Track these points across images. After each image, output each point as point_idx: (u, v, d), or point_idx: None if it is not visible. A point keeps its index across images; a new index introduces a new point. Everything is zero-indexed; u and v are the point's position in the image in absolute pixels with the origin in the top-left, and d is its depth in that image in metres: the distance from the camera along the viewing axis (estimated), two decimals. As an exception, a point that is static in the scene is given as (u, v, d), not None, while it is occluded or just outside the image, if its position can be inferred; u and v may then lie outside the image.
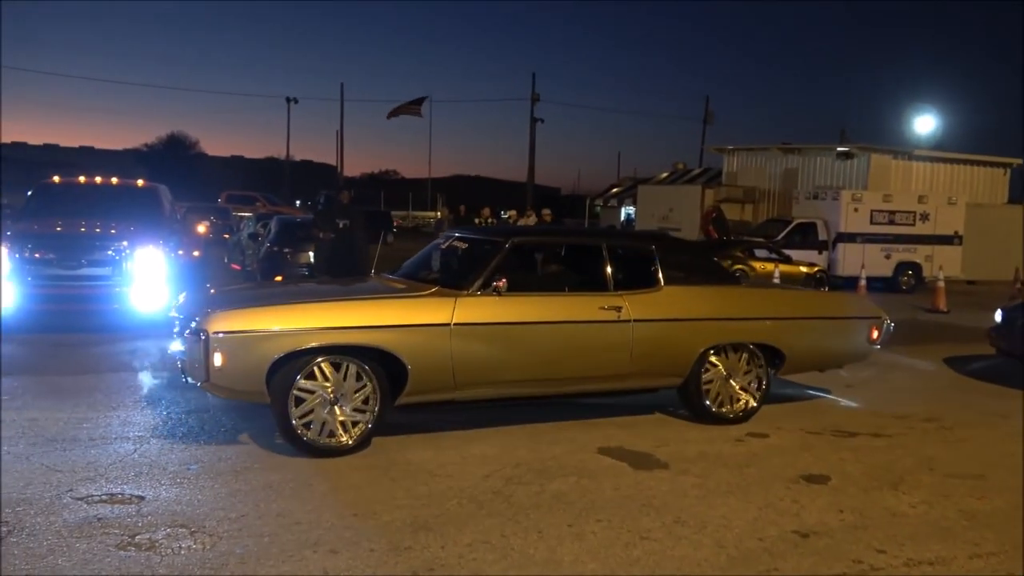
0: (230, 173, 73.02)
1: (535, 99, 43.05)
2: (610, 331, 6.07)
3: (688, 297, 6.43)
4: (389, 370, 5.46)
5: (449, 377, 5.59)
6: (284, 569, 3.73)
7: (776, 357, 6.75)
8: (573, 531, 4.30)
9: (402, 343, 5.42)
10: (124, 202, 11.13)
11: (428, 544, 4.05)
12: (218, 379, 5.17)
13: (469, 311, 5.63)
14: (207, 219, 21.35)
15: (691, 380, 6.42)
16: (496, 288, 5.69)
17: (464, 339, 5.59)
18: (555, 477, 5.14)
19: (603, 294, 6.16)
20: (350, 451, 5.34)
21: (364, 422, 5.40)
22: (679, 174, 35.51)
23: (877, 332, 7.16)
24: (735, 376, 6.56)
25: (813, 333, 6.97)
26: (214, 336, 5.12)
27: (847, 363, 7.65)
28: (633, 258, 6.63)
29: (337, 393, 5.32)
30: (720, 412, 6.50)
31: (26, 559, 3.71)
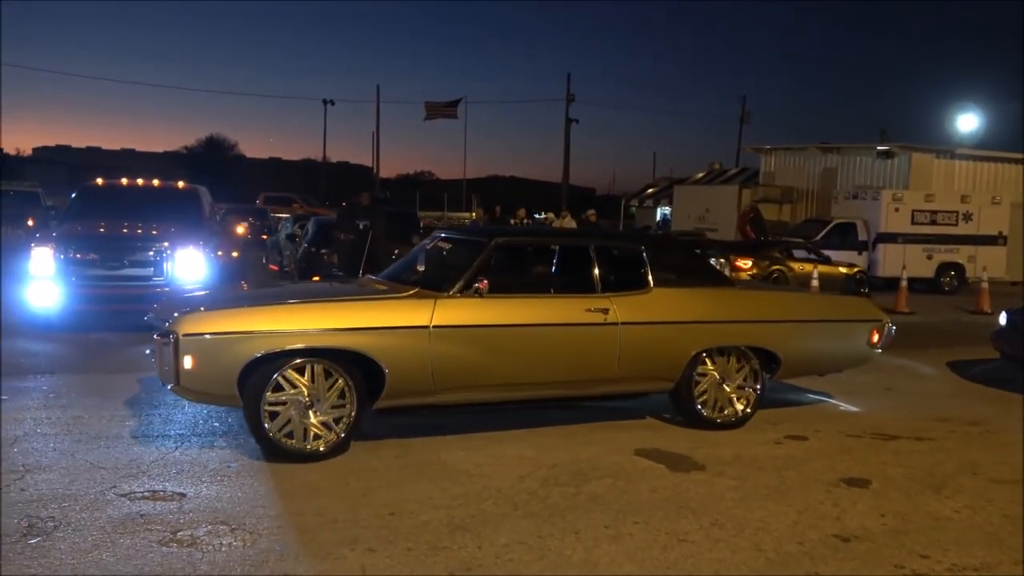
0: (267, 175, 73.79)
1: (570, 99, 42.98)
2: (596, 334, 5.90)
3: (679, 299, 6.25)
4: (367, 373, 5.33)
5: (428, 381, 5.44)
6: (322, 567, 3.76)
7: (771, 361, 6.56)
8: (610, 532, 4.29)
9: (379, 346, 5.27)
10: (165, 204, 11.29)
11: (465, 544, 4.07)
12: (188, 382, 5.04)
13: (449, 313, 5.48)
14: (246, 220, 21.60)
15: (682, 384, 6.24)
16: (478, 290, 5.55)
17: (443, 342, 5.44)
18: (591, 478, 5.13)
19: (590, 296, 5.99)
20: (324, 456, 5.19)
21: (340, 427, 5.26)
22: (715, 174, 35.26)
23: (878, 335, 6.92)
24: (729, 380, 6.37)
25: (809, 336, 6.77)
26: (184, 338, 4.99)
27: (847, 367, 7.31)
28: (622, 259, 6.48)
29: (313, 397, 5.19)
30: (713, 417, 6.31)
31: (72, 553, 3.78)
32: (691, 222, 26.29)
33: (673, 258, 6.67)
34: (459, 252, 6.18)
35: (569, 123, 43.08)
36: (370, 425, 5.93)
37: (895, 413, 7.23)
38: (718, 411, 6.35)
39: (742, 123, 47.63)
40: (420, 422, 6.08)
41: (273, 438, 5.12)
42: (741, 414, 6.40)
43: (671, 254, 6.74)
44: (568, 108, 42.90)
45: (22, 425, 5.75)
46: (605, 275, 6.13)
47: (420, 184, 75.40)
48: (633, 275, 6.27)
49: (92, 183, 11.99)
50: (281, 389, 5.13)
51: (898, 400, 7.80)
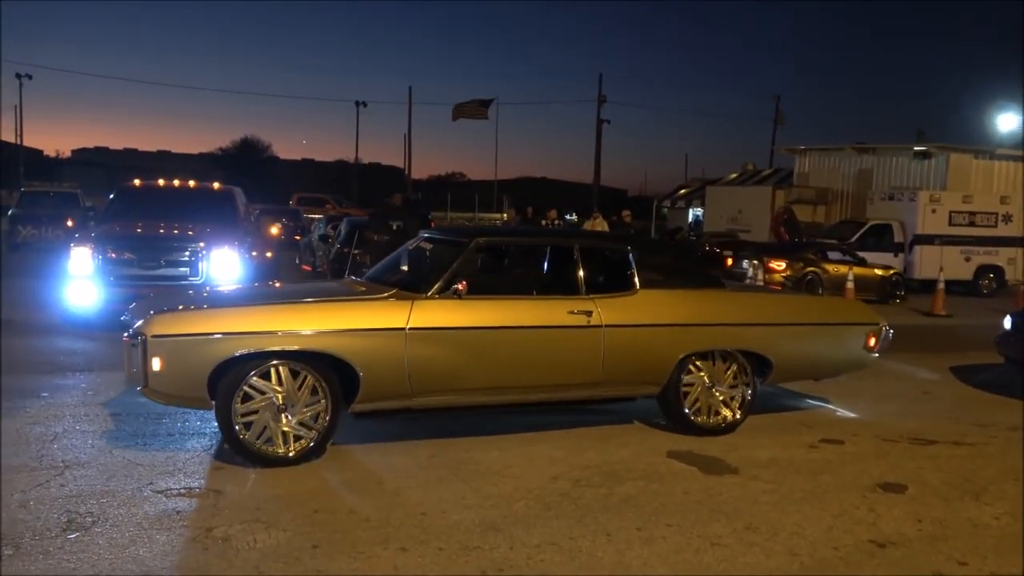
0: (300, 176, 74.43)
1: (602, 100, 42.87)
2: (579, 337, 5.74)
3: (666, 301, 6.08)
4: (343, 376, 5.21)
5: (404, 384, 5.31)
6: (355, 566, 3.78)
7: (763, 365, 6.38)
8: (642, 535, 4.27)
9: (352, 348, 5.14)
10: (201, 204, 11.43)
11: (496, 544, 4.07)
12: (157, 384, 4.96)
13: (426, 315, 5.35)
14: (279, 221, 21.81)
15: (670, 389, 6.08)
16: (457, 291, 5.42)
17: (420, 344, 5.30)
18: (624, 480, 5.10)
19: (573, 298, 5.83)
20: (296, 461, 5.08)
21: (315, 430, 5.15)
22: (749, 175, 35.00)
23: (875, 339, 6.73)
24: (719, 385, 6.20)
25: (803, 340, 6.56)
26: (152, 340, 4.90)
27: (843, 372, 7.13)
28: (607, 260, 6.34)
29: (286, 400, 5.07)
30: (701, 422, 6.14)
31: (109, 549, 3.83)
32: (724, 223, 26.12)
33: (661, 259, 6.52)
34: (441, 253, 6.00)
35: (601, 124, 42.98)
36: (402, 426, 5.96)
37: (932, 418, 7.12)
38: (707, 416, 6.17)
39: (776, 123, 47.21)
40: (452, 423, 6.10)
41: (244, 441, 5.00)
42: (731, 419, 6.22)
43: (659, 255, 6.58)
44: (600, 109, 42.82)
45: (61, 422, 5.85)
46: (590, 276, 5.99)
47: (451, 185, 75.64)
48: (619, 276, 6.13)
49: (130, 184, 12.17)
50: (253, 392, 5.02)
51: (934, 405, 7.68)
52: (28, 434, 5.52)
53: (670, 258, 6.71)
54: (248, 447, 5.02)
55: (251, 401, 5.02)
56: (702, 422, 6.15)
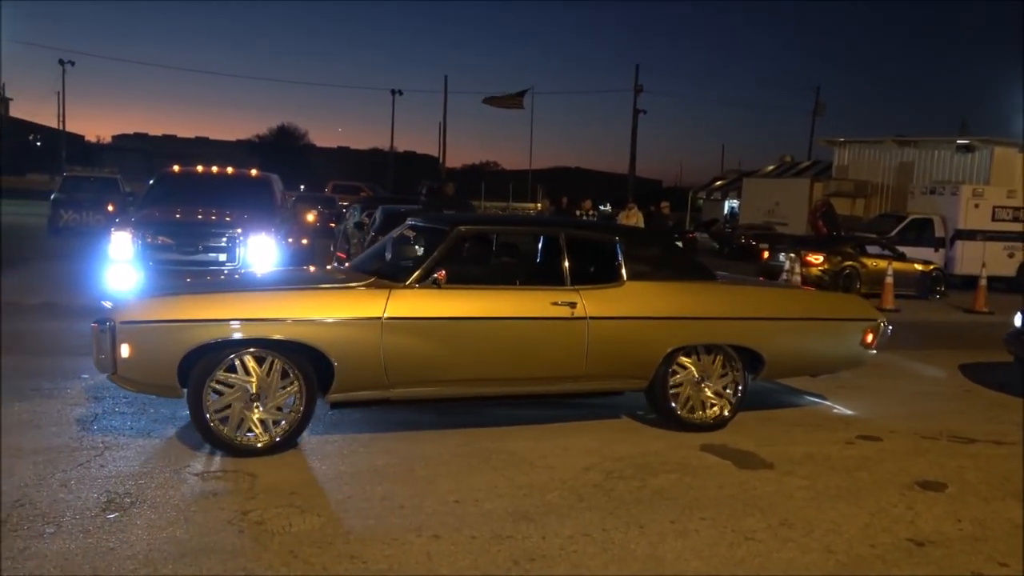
0: (336, 164, 74.92)
1: (638, 90, 42.59)
2: (562, 329, 5.58)
3: (654, 293, 5.90)
4: (319, 365, 5.11)
5: (381, 375, 5.19)
6: (389, 552, 3.80)
7: (755, 360, 6.20)
8: (676, 528, 4.24)
9: (326, 337, 5.04)
10: (239, 191, 11.53)
11: (529, 534, 4.06)
12: (125, 371, 4.88)
13: (403, 305, 5.22)
14: (315, 208, 21.97)
15: (656, 383, 5.92)
16: (436, 280, 5.30)
17: (397, 334, 5.17)
18: (657, 473, 5.08)
19: (557, 289, 5.66)
20: (270, 451, 5.00)
21: (288, 420, 5.07)
22: (786, 167, 34.62)
23: (872, 336, 6.53)
24: (708, 380, 6.03)
25: (796, 335, 6.37)
26: (121, 326, 4.83)
27: (839, 369, 6.90)
28: (594, 250, 6.14)
29: (260, 389, 4.99)
30: (689, 418, 5.98)
31: (148, 529, 3.89)
32: (760, 215, 25.87)
33: (651, 251, 6.31)
34: (423, 241, 5.86)
35: (637, 114, 42.71)
36: (434, 415, 5.98)
37: (972, 416, 7.00)
38: (695, 411, 6.02)
39: (815, 115, 46.60)
40: (485, 412, 6.10)
41: (214, 429, 4.93)
42: (720, 415, 6.06)
43: (649, 247, 6.39)
44: (636, 99, 42.54)
45: (101, 403, 5.94)
46: (575, 267, 5.79)
47: (485, 174, 75.69)
48: (606, 267, 5.97)
49: (169, 170, 12.29)
50: (223, 380, 4.95)
51: (974, 402, 7.55)
52: (69, 415, 5.62)
53: (660, 250, 6.46)
54: (219, 436, 4.94)
55: (222, 390, 4.95)
56: (690, 417, 5.99)
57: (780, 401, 7.17)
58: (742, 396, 6.15)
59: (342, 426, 5.69)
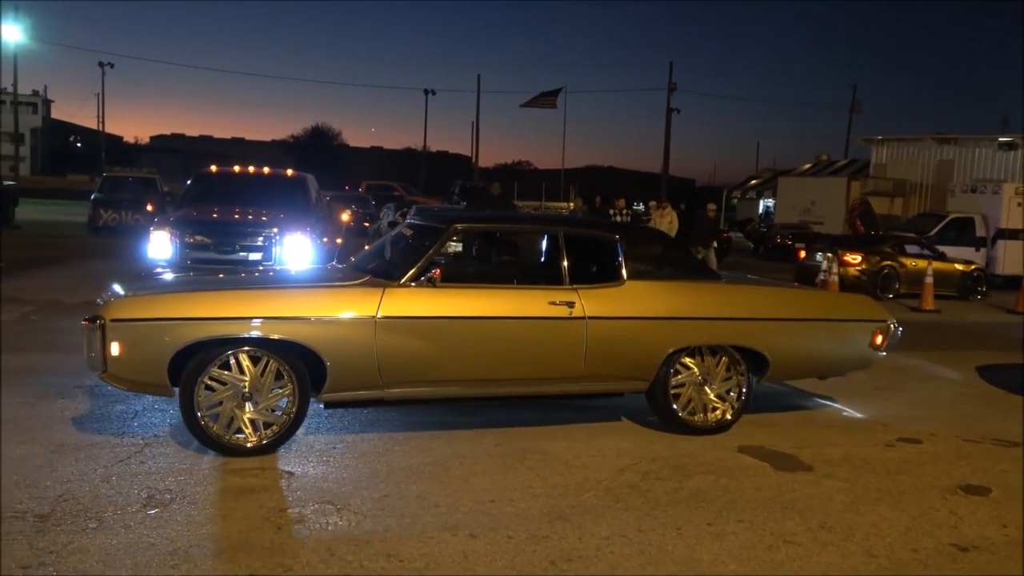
0: (370, 163, 75.39)
1: (672, 89, 42.35)
2: (559, 329, 5.46)
3: (655, 293, 5.76)
4: (313, 364, 5.05)
5: (374, 374, 5.11)
6: (425, 550, 3.80)
7: (760, 362, 6.03)
8: (713, 530, 4.20)
9: (319, 336, 4.98)
10: (275, 190, 11.63)
11: (565, 534, 4.05)
12: (116, 370, 4.83)
13: (397, 304, 5.13)
14: (349, 208, 22.10)
15: (657, 385, 5.78)
16: (431, 278, 5.21)
17: (391, 334, 5.08)
18: (693, 474, 5.04)
19: (555, 288, 5.55)
20: (261, 451, 4.95)
21: (281, 419, 5.02)
22: (823, 165, 34.25)
23: (881, 337, 6.34)
24: (712, 382, 5.88)
25: (802, 336, 6.18)
26: (111, 324, 4.77)
27: (848, 371, 6.66)
28: (594, 249, 6.01)
29: (252, 388, 4.94)
30: (691, 420, 5.83)
31: (187, 525, 3.93)
32: (796, 215, 25.60)
33: (653, 249, 6.15)
34: (419, 239, 5.77)
35: (670, 113, 42.47)
36: (468, 414, 5.99)
37: (1015, 419, 6.86)
38: (696, 414, 5.87)
39: (852, 112, 46.00)
40: (519, 412, 6.10)
41: (206, 428, 4.89)
42: (724, 418, 5.91)
43: (650, 245, 6.24)
44: (669, 97, 42.31)
45: (141, 400, 6.02)
46: (574, 266, 5.68)
47: (518, 174, 75.71)
48: (605, 266, 5.85)
49: (206, 170, 12.43)
50: (217, 377, 4.91)
51: (1014, 404, 7.40)
52: (110, 412, 5.70)
53: (662, 248, 6.27)
54: (208, 433, 4.91)
55: (215, 387, 4.91)
56: (691, 420, 5.86)
57: (813, 405, 7.08)
58: (746, 399, 5.98)
59: (378, 424, 5.72)
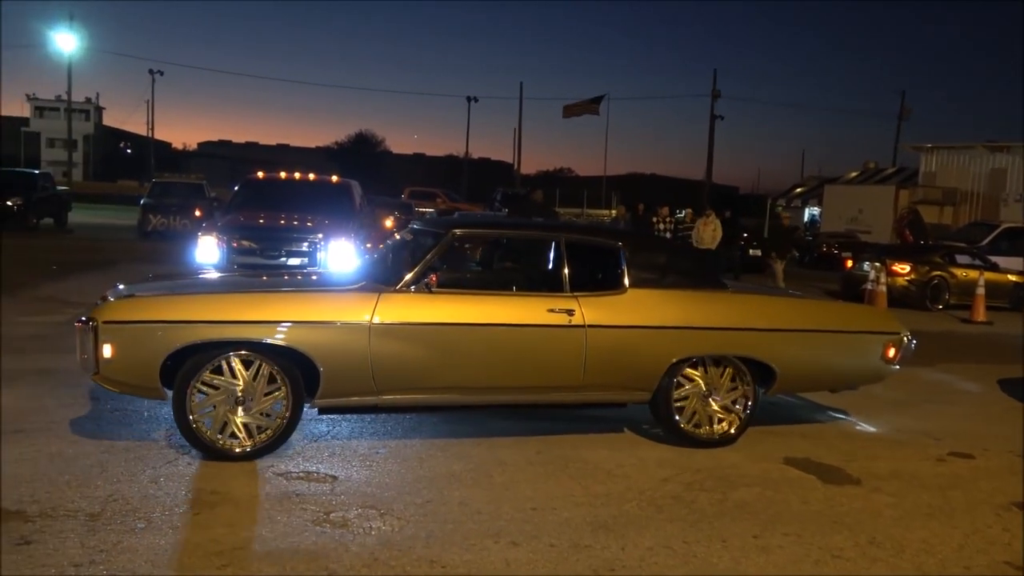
0: (412, 170, 75.90)
1: (716, 95, 42.05)
2: (558, 337, 5.34)
3: (657, 302, 5.60)
4: (305, 371, 5.01)
5: (368, 380, 5.05)
6: (467, 557, 3.80)
7: (767, 374, 5.84)
8: (759, 543, 4.14)
9: (312, 341, 4.93)
10: (319, 197, 11.77)
11: (608, 544, 4.02)
12: (108, 372, 4.81)
13: (392, 309, 5.06)
14: (392, 214, 22.26)
15: (660, 396, 5.64)
16: (427, 284, 5.15)
17: (385, 339, 5.02)
18: (738, 486, 4.97)
19: (554, 295, 5.43)
20: (250, 457, 4.92)
21: (274, 424, 4.99)
22: (870, 173, 33.73)
23: (894, 350, 6.11)
24: (716, 393, 5.73)
25: (810, 348, 5.98)
26: (104, 326, 4.76)
27: (859, 384, 6.44)
28: (595, 256, 5.87)
29: (245, 393, 4.92)
30: (694, 433, 5.69)
31: (233, 528, 3.97)
32: (843, 223, 25.24)
33: (656, 257, 5.94)
34: (419, 244, 5.70)
35: (714, 119, 42.16)
36: (510, 421, 5.98)
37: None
38: (701, 427, 5.72)
39: (900, 119, 45.24)
40: (560, 420, 6.08)
41: (196, 431, 4.88)
42: (728, 431, 5.75)
43: (654, 253, 6.02)
44: (713, 104, 42.00)
45: (189, 403, 6.10)
46: (575, 273, 5.55)
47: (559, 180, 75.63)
48: (607, 274, 5.72)
49: (253, 176, 12.63)
50: (209, 382, 4.89)
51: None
52: (159, 413, 5.78)
53: (667, 256, 6.06)
54: (200, 437, 4.89)
55: (207, 391, 4.91)
56: (695, 432, 5.70)
57: (858, 417, 6.95)
58: (751, 412, 5.81)
59: (420, 430, 5.74)
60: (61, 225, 24.71)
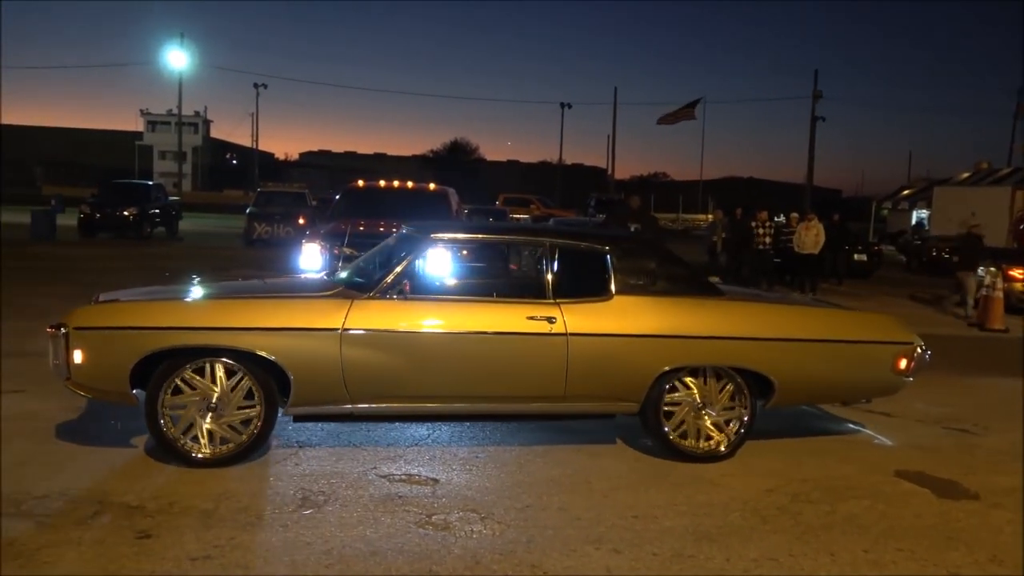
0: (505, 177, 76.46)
1: (817, 96, 40.93)
2: (537, 345, 5.14)
3: (645, 309, 5.35)
4: (279, 377, 4.93)
5: (340, 388, 4.95)
6: (568, 563, 3.80)
7: (765, 386, 5.52)
8: (870, 557, 4.00)
9: (282, 348, 4.84)
10: (418, 204, 11.95)
11: (711, 555, 3.95)
12: (79, 377, 4.81)
13: (364, 316, 4.96)
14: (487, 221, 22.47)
15: (648, 407, 5.37)
16: (401, 291, 5.08)
17: (357, 347, 4.92)
18: (847, 498, 4.81)
19: (535, 302, 5.25)
20: (211, 464, 4.84)
21: (248, 431, 4.92)
22: (983, 174, 32.20)
23: (905, 361, 5.71)
24: (711, 406, 5.43)
25: (811, 359, 5.61)
26: (74, 332, 4.78)
27: (869, 396, 6.11)
28: (580, 262, 5.62)
29: (219, 400, 4.87)
30: (679, 443, 5.40)
31: (339, 527, 4.07)
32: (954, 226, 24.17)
33: (646, 263, 5.67)
34: (397, 249, 5.58)
35: (815, 121, 41.04)
36: (609, 429, 5.94)
37: None
38: (687, 438, 5.43)
39: (1016, 118, 43.06)
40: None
41: (168, 436, 4.83)
42: (713, 450, 5.44)
43: (644, 258, 5.73)
44: (814, 105, 40.90)
45: (295, 405, 6.29)
46: (558, 279, 5.36)
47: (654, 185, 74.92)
48: (592, 280, 5.46)
49: (354, 185, 12.92)
50: (180, 390, 4.85)
51: None
52: (267, 415, 5.97)
53: (657, 262, 5.75)
54: (166, 436, 4.84)
55: (180, 393, 4.86)
56: (680, 443, 5.42)
57: (974, 430, 6.63)
58: (748, 424, 5.49)
59: (518, 435, 5.76)
60: (172, 234, 25.85)
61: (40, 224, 22.18)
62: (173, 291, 5.67)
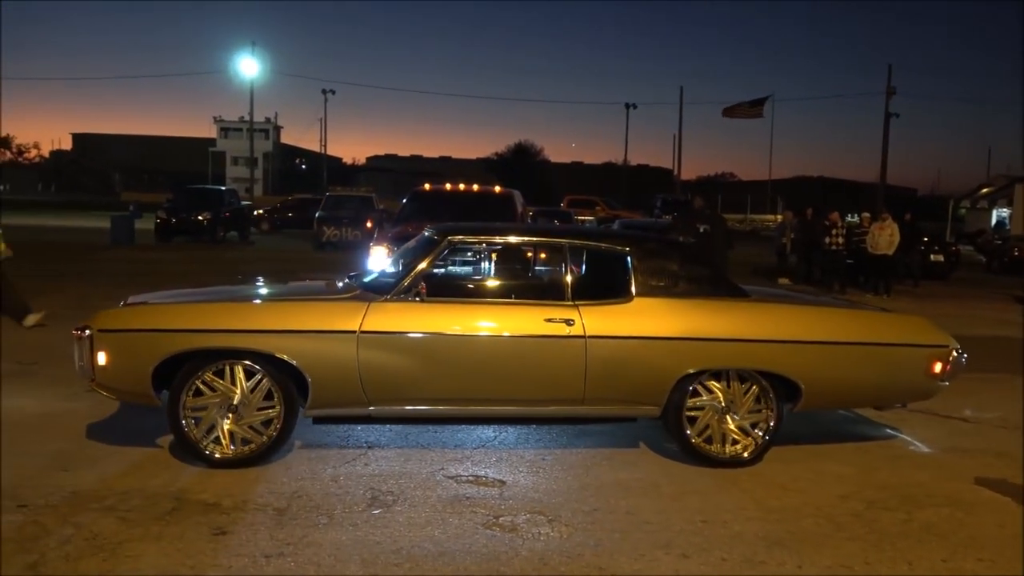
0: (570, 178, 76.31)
1: (890, 93, 39.87)
2: (556, 348, 5.07)
3: (667, 311, 5.24)
4: (297, 379, 4.96)
5: (358, 390, 4.95)
6: (636, 567, 3.77)
7: (792, 390, 5.36)
8: (948, 567, 3.88)
9: (300, 350, 4.87)
10: (483, 206, 12.02)
11: (784, 561, 3.88)
12: (103, 379, 4.90)
13: (381, 318, 4.95)
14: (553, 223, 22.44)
15: (670, 410, 5.25)
16: (418, 293, 5.04)
17: (373, 349, 4.91)
18: (924, 505, 4.68)
19: (554, 304, 5.18)
20: (231, 465, 4.88)
21: (256, 442, 4.95)
22: (1067, 171, 30.92)
23: (940, 365, 5.48)
24: (736, 410, 5.29)
25: (840, 362, 5.42)
26: (98, 334, 4.86)
27: (903, 401, 5.84)
28: (600, 262, 5.57)
29: (240, 401, 4.90)
30: (703, 448, 5.27)
31: (408, 527, 4.12)
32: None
33: (668, 264, 5.55)
34: (416, 251, 5.56)
35: (888, 118, 39.99)
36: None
37: None
38: (712, 443, 5.29)
39: (1103, 112, 41.32)
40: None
41: (190, 437, 4.89)
42: (738, 455, 5.30)
43: (666, 259, 5.61)
44: (888, 102, 39.85)
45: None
46: (578, 280, 5.34)
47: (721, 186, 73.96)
48: (612, 281, 5.38)
49: (421, 188, 13.06)
50: (201, 392, 4.91)
51: None
52: (337, 415, 6.07)
53: (680, 263, 5.63)
54: (187, 437, 4.90)
55: (200, 398, 4.92)
56: (704, 448, 5.30)
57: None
58: (775, 429, 5.35)
59: (584, 438, 5.74)
60: (244, 237, 26.49)
61: (119, 229, 23.00)
62: (198, 294, 5.77)
